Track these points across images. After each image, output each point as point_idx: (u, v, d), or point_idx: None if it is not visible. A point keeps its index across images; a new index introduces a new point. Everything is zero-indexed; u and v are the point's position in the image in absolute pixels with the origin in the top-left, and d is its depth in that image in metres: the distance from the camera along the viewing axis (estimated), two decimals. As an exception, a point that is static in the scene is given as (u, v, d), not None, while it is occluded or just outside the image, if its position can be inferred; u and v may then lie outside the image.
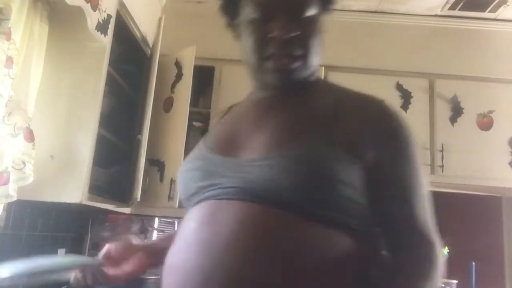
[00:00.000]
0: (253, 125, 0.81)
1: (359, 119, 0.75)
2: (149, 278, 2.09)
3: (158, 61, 2.41)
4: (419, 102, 2.72)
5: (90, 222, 2.58)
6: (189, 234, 0.74)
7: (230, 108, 0.96)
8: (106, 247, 0.88)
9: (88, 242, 2.54)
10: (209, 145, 0.84)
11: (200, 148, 0.86)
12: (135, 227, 2.77)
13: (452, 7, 2.79)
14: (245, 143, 0.78)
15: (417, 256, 0.72)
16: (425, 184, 0.77)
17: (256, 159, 0.73)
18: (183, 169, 0.85)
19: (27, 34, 1.56)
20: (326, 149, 0.71)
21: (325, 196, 0.69)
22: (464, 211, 3.96)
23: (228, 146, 0.80)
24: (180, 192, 0.86)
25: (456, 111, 2.70)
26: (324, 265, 0.67)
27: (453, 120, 2.69)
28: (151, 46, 2.51)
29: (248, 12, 0.81)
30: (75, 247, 2.47)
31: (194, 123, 2.74)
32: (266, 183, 0.69)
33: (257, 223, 0.68)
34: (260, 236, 0.67)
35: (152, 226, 3.03)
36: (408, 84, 2.73)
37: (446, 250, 2.56)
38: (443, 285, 2.38)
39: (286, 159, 0.70)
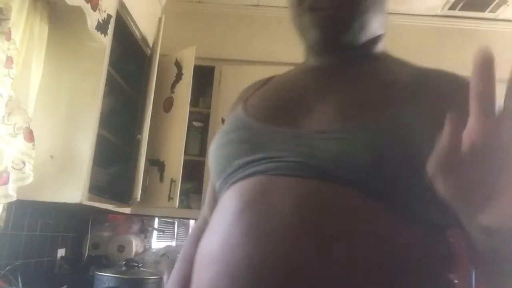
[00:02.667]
0: (314, 93, 0.68)
1: (447, 95, 0.62)
2: (149, 278, 2.09)
3: (158, 61, 2.41)
4: (419, 102, 2.72)
5: (90, 222, 2.58)
6: (232, 216, 0.58)
7: (270, 78, 0.82)
8: None
9: (88, 242, 2.55)
10: (253, 113, 0.69)
11: (240, 116, 0.71)
12: (135, 227, 2.77)
13: (452, 7, 2.79)
14: (307, 113, 0.64)
15: None
16: None
17: (327, 131, 0.60)
18: (220, 142, 0.69)
19: (27, 34, 1.56)
20: (415, 125, 0.58)
21: (406, 180, 0.55)
22: (464, 211, 3.95)
23: (283, 116, 0.66)
24: (214, 169, 0.70)
25: (456, 111, 2.70)
26: (402, 261, 0.54)
27: (453, 120, 2.69)
28: (151, 46, 2.51)
29: None
30: (75, 247, 2.48)
31: (194, 123, 2.74)
32: (339, 159, 0.56)
33: (325, 206, 0.55)
34: (328, 220, 0.54)
35: (152, 226, 3.03)
36: (408, 84, 2.73)
37: (446, 250, 2.56)
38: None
39: (364, 133, 0.57)
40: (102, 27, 1.83)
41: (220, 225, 0.60)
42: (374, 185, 0.55)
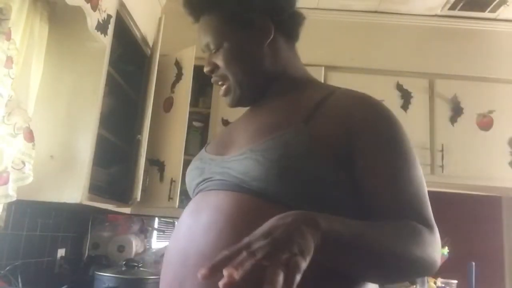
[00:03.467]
0: (241, 128, 0.91)
1: (338, 113, 0.79)
2: (149, 278, 2.09)
3: (158, 61, 2.41)
4: (419, 102, 2.72)
5: (90, 222, 2.58)
6: (179, 224, 0.84)
7: (231, 123, 1.07)
8: None
9: (88, 242, 2.55)
10: (208, 149, 0.95)
11: (201, 152, 0.97)
12: (135, 227, 2.77)
13: (452, 7, 2.78)
14: (232, 143, 0.88)
15: (396, 222, 0.71)
16: (419, 176, 0.77)
17: (235, 154, 0.82)
18: (188, 170, 0.95)
19: (27, 34, 1.56)
20: (294, 142, 0.76)
21: (292, 187, 0.73)
22: (464, 211, 3.96)
23: (220, 147, 0.90)
24: (188, 189, 0.95)
25: (456, 111, 2.70)
26: None
27: (453, 120, 2.69)
28: (151, 46, 2.51)
29: None
30: (75, 247, 2.48)
31: (194, 123, 2.74)
32: (242, 175, 0.77)
33: (231, 208, 0.75)
34: (231, 219, 0.73)
35: (152, 226, 3.03)
36: (408, 84, 2.72)
37: (446, 250, 2.56)
38: (443, 285, 2.38)
39: (256, 152, 0.77)
40: (102, 27, 1.83)
41: (175, 230, 0.85)
42: (265, 192, 0.74)
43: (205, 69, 0.95)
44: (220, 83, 0.95)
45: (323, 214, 0.64)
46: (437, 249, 0.71)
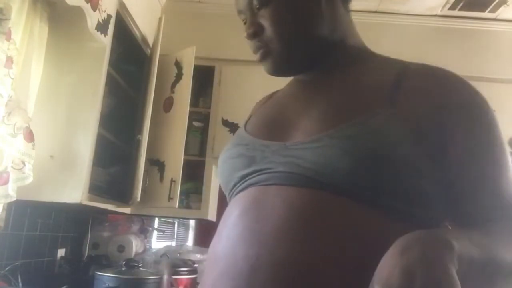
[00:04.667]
0: (299, 107, 0.74)
1: (425, 93, 0.67)
2: (149, 278, 2.09)
3: (158, 61, 2.41)
4: (419, 102, 2.71)
5: (90, 222, 2.58)
6: (232, 221, 0.68)
7: (272, 94, 0.90)
8: None
9: (88, 242, 2.55)
10: (250, 130, 0.77)
11: (240, 134, 0.79)
12: (135, 227, 2.77)
13: (452, 7, 2.78)
14: (292, 126, 0.71)
15: (503, 224, 0.63)
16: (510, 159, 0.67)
17: (306, 141, 0.66)
18: (223, 158, 0.78)
19: (27, 34, 1.56)
20: (386, 128, 0.63)
21: (385, 181, 0.61)
22: (464, 211, 3.95)
23: (273, 131, 0.74)
24: (221, 183, 0.79)
25: (456, 111, 2.70)
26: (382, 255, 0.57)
27: (453, 120, 2.69)
28: (151, 46, 2.51)
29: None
30: (75, 247, 2.48)
31: (194, 123, 2.74)
32: (320, 167, 0.62)
33: (308, 209, 0.61)
34: (312, 223, 0.60)
35: (152, 226, 3.03)
36: (408, 84, 2.72)
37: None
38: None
39: (340, 140, 0.63)
40: (102, 27, 1.83)
41: (223, 230, 0.69)
42: (350, 188, 0.61)
43: (248, 32, 0.76)
44: (260, 48, 0.76)
45: (448, 230, 0.56)
46: None
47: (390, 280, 0.46)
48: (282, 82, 0.88)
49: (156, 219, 3.09)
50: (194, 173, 2.70)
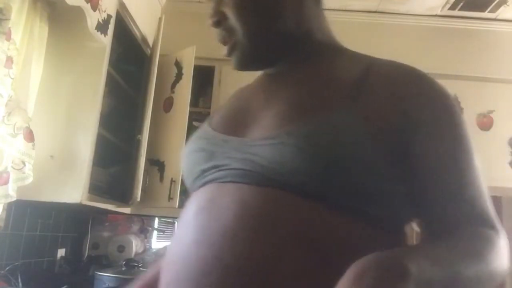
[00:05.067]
0: (261, 102, 0.72)
1: (390, 90, 0.64)
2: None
3: (158, 61, 2.41)
4: (419, 102, 2.72)
5: (90, 222, 2.58)
6: (187, 221, 0.65)
7: (239, 90, 0.88)
8: None
9: (88, 242, 2.55)
10: (214, 124, 0.75)
11: (204, 128, 0.77)
12: (135, 227, 2.77)
13: (452, 7, 2.78)
14: (253, 122, 0.69)
15: (468, 235, 0.59)
16: (479, 165, 0.64)
17: (264, 137, 0.63)
18: (186, 151, 0.76)
19: (27, 34, 1.56)
20: (345, 126, 0.60)
21: (340, 181, 0.59)
22: (464, 211, 3.95)
23: (234, 125, 0.71)
24: (184, 177, 0.77)
25: (456, 111, 2.70)
26: (338, 255, 0.56)
27: (453, 120, 2.69)
28: (151, 46, 2.51)
29: None
30: (75, 247, 2.48)
31: (194, 123, 2.74)
32: (275, 165, 0.60)
33: (262, 209, 0.59)
34: (264, 224, 0.57)
35: (152, 226, 3.03)
36: (408, 84, 2.72)
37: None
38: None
39: (298, 137, 0.60)
40: (102, 27, 1.83)
41: (180, 229, 0.67)
42: (305, 188, 0.59)
43: (211, 20, 0.75)
44: (226, 40, 0.74)
45: (408, 250, 0.53)
46: (506, 254, 0.61)
47: None
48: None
49: (156, 219, 3.09)
50: (194, 173, 2.70)
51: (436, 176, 0.63)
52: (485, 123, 2.68)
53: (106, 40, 1.88)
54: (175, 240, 0.68)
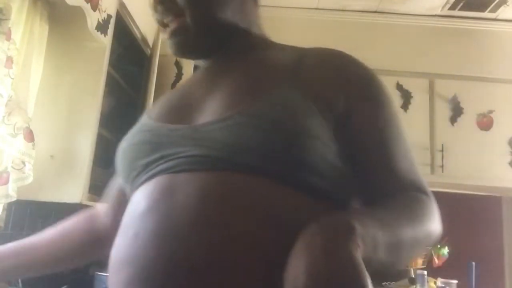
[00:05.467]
0: (203, 91, 0.71)
1: (325, 69, 0.68)
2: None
3: (158, 61, 2.41)
4: (419, 102, 2.72)
5: (90, 222, 2.58)
6: (140, 217, 0.60)
7: (176, 86, 0.89)
8: None
9: (88, 242, 2.54)
10: (154, 117, 0.73)
11: (143, 121, 0.75)
12: (135, 227, 2.77)
13: (452, 7, 2.79)
14: (198, 109, 0.68)
15: (403, 199, 0.64)
16: (405, 133, 0.70)
17: (213, 121, 0.62)
18: (123, 146, 0.72)
19: (27, 34, 1.56)
20: (292, 101, 0.62)
21: (298, 156, 0.59)
22: (464, 211, 3.96)
23: (178, 115, 0.69)
24: (121, 173, 0.73)
25: (456, 111, 2.70)
26: (291, 236, 0.55)
27: (453, 120, 2.69)
28: (151, 46, 2.51)
29: None
30: (75, 247, 2.47)
31: (194, 123, 2.74)
32: (230, 147, 0.59)
33: (224, 194, 0.57)
34: (229, 210, 0.56)
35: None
36: (408, 84, 2.73)
37: (446, 250, 2.56)
38: (443, 285, 2.38)
39: (250, 117, 0.60)
40: (102, 27, 1.83)
41: (128, 228, 0.61)
42: (264, 166, 0.58)
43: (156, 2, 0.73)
44: (170, 21, 0.73)
45: (352, 212, 0.56)
46: (438, 216, 0.66)
47: (296, 281, 0.45)
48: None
49: (156, 219, 3.09)
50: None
51: (372, 151, 0.66)
52: (485, 123, 2.68)
53: (106, 40, 1.88)
54: (122, 242, 0.62)
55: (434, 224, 0.64)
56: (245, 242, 0.54)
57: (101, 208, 0.93)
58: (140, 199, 0.63)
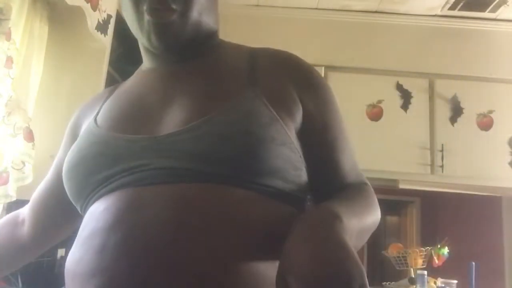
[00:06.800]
0: (161, 98, 0.68)
1: (279, 73, 0.69)
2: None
3: (158, 61, 2.41)
4: (419, 102, 2.72)
5: (90, 222, 2.58)
6: (104, 230, 0.57)
7: (115, 88, 0.82)
8: None
9: (88, 242, 2.54)
10: (104, 127, 0.67)
11: (92, 131, 0.68)
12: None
13: (452, 7, 2.79)
14: (158, 118, 0.64)
15: (357, 190, 0.71)
16: (349, 137, 0.76)
17: (178, 132, 0.60)
18: (74, 161, 0.66)
19: (27, 34, 1.56)
20: (255, 109, 0.62)
21: (266, 162, 0.59)
22: (464, 211, 3.96)
23: (134, 124, 0.65)
24: (72, 189, 0.67)
25: (456, 111, 2.70)
26: (270, 240, 0.58)
27: (453, 120, 2.69)
28: (151, 46, 2.51)
29: None
30: (75, 247, 2.47)
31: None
32: (199, 157, 0.58)
33: (197, 205, 0.56)
34: (205, 219, 0.55)
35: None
36: (408, 84, 2.73)
37: (446, 250, 2.56)
38: (443, 285, 2.38)
39: (218, 126, 0.59)
40: (102, 27, 1.83)
41: (91, 240, 0.58)
42: (235, 175, 0.58)
43: None
44: (164, 11, 0.68)
45: (331, 204, 0.59)
46: (378, 213, 0.73)
47: (302, 269, 0.46)
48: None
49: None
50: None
51: (324, 151, 0.71)
52: (485, 123, 2.68)
53: (106, 40, 1.88)
54: (84, 254, 0.59)
55: (378, 210, 0.72)
56: (221, 251, 0.54)
57: (25, 213, 0.88)
58: (104, 212, 0.59)
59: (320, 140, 0.70)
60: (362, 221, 0.63)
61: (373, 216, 0.69)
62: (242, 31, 2.82)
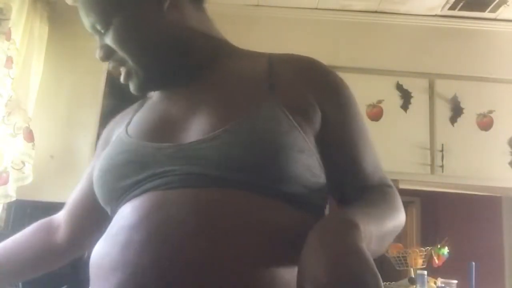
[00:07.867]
0: (183, 108, 0.72)
1: (297, 79, 0.71)
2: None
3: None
4: (419, 102, 2.71)
5: (90, 222, 2.58)
6: (131, 228, 0.61)
7: (145, 100, 0.86)
8: None
9: (88, 242, 2.54)
10: (134, 136, 0.72)
11: (123, 140, 0.73)
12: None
13: (452, 7, 2.78)
14: (181, 127, 0.68)
15: (379, 194, 0.71)
16: (372, 142, 0.76)
17: (202, 140, 0.64)
18: (106, 167, 0.71)
19: (27, 34, 1.56)
20: (276, 117, 0.65)
21: (286, 169, 0.62)
22: (464, 211, 3.96)
23: (161, 134, 0.69)
24: (102, 193, 0.72)
25: (456, 111, 2.70)
26: (289, 245, 0.59)
27: (453, 120, 2.69)
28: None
29: None
30: (75, 247, 2.48)
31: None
32: (221, 165, 0.61)
33: (218, 208, 0.59)
34: (224, 223, 0.58)
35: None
36: (408, 84, 2.72)
37: (446, 250, 2.56)
38: (443, 285, 2.38)
39: (239, 134, 0.62)
40: (102, 27, 1.83)
41: (117, 236, 0.62)
42: (255, 182, 0.61)
43: (99, 56, 0.77)
44: (121, 69, 0.75)
45: (350, 211, 0.60)
46: (401, 205, 0.73)
47: (321, 279, 0.48)
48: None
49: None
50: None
51: (346, 154, 0.72)
52: (485, 123, 2.68)
53: (106, 40, 1.88)
54: (110, 248, 0.63)
55: (403, 213, 0.71)
56: (241, 252, 0.57)
57: (60, 219, 0.94)
58: (131, 212, 0.63)
59: (339, 143, 0.71)
60: (382, 226, 0.63)
61: (395, 220, 0.68)
62: (242, 31, 2.82)
